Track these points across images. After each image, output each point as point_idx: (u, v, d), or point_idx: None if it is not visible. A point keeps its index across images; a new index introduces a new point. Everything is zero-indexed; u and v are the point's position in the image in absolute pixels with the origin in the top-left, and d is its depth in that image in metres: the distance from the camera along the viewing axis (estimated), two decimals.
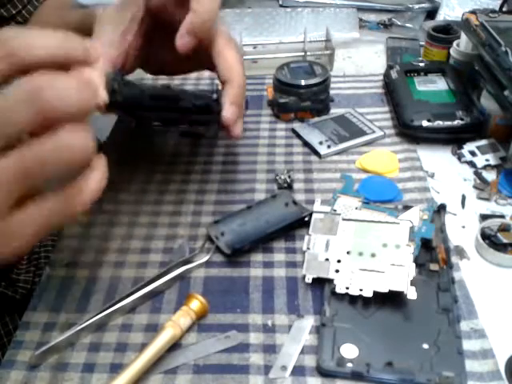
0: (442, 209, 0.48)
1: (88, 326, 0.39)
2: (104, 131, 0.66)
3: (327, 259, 0.42)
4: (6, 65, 0.27)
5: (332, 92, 0.65)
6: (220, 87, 0.46)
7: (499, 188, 0.52)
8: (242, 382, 0.36)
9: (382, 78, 0.69)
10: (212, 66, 0.46)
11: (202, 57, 0.45)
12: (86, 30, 0.52)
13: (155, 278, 0.43)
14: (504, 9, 0.67)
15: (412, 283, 0.39)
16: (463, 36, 0.64)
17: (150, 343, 0.37)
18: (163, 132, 0.60)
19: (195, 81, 0.72)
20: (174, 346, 0.39)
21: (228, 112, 0.44)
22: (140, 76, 0.53)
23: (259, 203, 0.50)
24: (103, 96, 0.39)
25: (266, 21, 0.89)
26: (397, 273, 0.40)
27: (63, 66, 0.29)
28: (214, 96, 0.45)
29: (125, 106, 0.44)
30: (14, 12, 0.61)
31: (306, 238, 0.45)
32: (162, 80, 0.69)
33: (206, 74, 0.46)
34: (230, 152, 0.59)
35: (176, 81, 0.72)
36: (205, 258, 0.45)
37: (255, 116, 0.65)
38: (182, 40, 0.42)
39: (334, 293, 0.41)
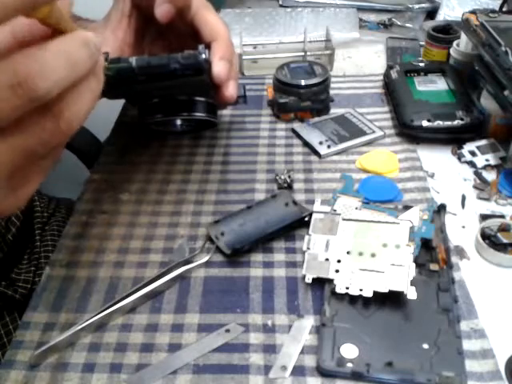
0: (442, 209, 0.48)
1: (88, 325, 0.39)
2: (104, 131, 0.66)
3: (327, 259, 0.42)
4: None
5: (332, 92, 0.65)
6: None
7: (499, 188, 0.52)
8: (242, 381, 0.36)
9: (382, 78, 0.69)
10: (193, 41, 0.46)
11: (183, 32, 0.46)
12: None
13: (155, 278, 0.43)
14: (504, 9, 0.67)
15: (412, 283, 0.39)
16: (463, 36, 0.64)
17: None
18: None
19: None
20: (175, 347, 0.39)
21: (218, 67, 0.43)
22: None
23: (259, 203, 0.50)
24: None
25: (266, 21, 0.89)
26: (397, 273, 0.40)
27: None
28: (203, 56, 0.43)
29: (117, 83, 0.42)
30: None
31: (306, 237, 0.45)
32: None
33: None
34: (230, 152, 0.59)
35: None
36: (205, 258, 0.45)
37: (255, 116, 0.65)
38: (161, 9, 0.42)
39: (334, 293, 0.41)
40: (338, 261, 0.42)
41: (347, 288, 0.40)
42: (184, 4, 0.43)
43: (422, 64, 0.67)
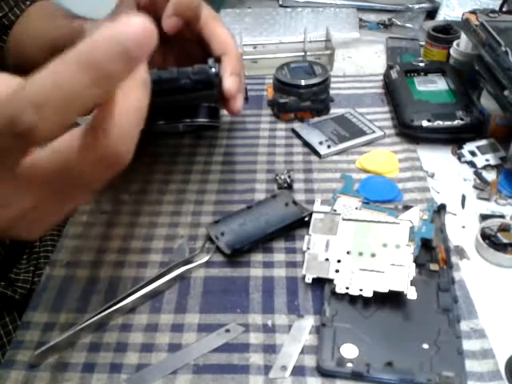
0: (442, 209, 0.48)
1: (88, 325, 0.39)
2: None
3: (327, 259, 0.42)
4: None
5: (332, 92, 0.65)
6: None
7: (499, 188, 0.52)
8: (242, 381, 0.36)
9: (382, 78, 0.70)
10: (199, 52, 0.46)
11: (186, 39, 0.45)
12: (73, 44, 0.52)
13: (155, 278, 0.43)
14: (504, 9, 0.67)
15: (412, 283, 0.39)
16: (463, 36, 0.64)
17: None
18: (165, 132, 0.60)
19: None
20: (175, 347, 0.39)
21: (228, 82, 0.43)
22: None
23: (259, 203, 0.50)
24: None
25: (266, 21, 0.89)
26: (397, 273, 0.40)
27: None
28: (213, 70, 0.44)
29: None
30: (0, 14, 0.61)
31: (306, 237, 0.45)
32: None
33: None
34: (230, 152, 0.59)
35: None
36: (205, 258, 0.45)
37: (255, 116, 0.65)
38: (169, 21, 0.42)
39: (334, 293, 0.41)
40: (338, 261, 0.42)
41: (347, 288, 0.40)
42: (193, 16, 0.43)
43: (422, 64, 0.67)
